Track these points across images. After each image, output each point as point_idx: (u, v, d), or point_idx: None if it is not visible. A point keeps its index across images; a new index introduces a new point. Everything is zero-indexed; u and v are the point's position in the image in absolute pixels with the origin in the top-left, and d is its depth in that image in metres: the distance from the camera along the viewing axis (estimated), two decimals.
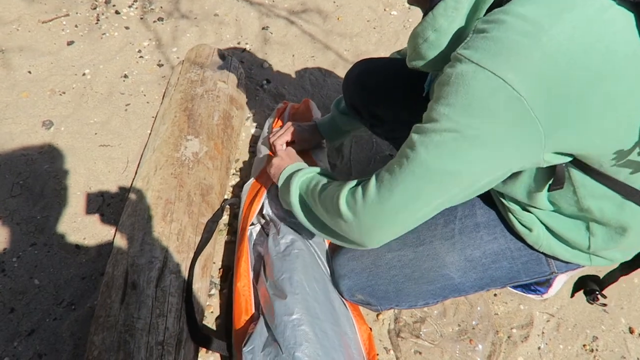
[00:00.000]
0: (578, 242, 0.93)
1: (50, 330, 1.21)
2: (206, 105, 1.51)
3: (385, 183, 0.81)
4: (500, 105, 0.67)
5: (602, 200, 0.83)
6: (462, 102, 0.69)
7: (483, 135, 0.71)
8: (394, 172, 0.80)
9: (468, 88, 0.68)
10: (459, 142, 0.72)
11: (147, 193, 1.26)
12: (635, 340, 1.36)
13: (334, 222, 0.93)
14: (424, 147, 0.75)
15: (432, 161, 0.75)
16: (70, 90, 1.77)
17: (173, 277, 1.12)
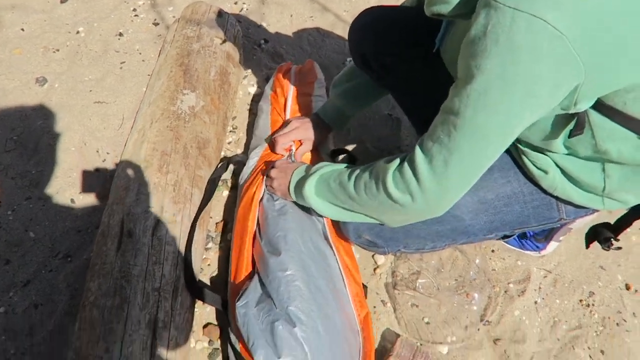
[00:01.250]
0: (593, 184, 0.92)
1: (46, 281, 1.21)
2: (202, 61, 1.48)
3: (437, 156, 0.80)
4: (543, 46, 0.66)
5: (621, 142, 0.82)
6: (503, 51, 0.67)
7: (530, 81, 0.70)
8: (443, 142, 0.79)
9: (508, 35, 0.66)
10: (507, 93, 0.71)
11: (143, 145, 1.24)
12: (631, 296, 1.36)
13: (382, 209, 0.92)
14: (471, 109, 0.74)
15: (483, 120, 0.74)
16: (64, 48, 1.74)
17: (170, 227, 1.11)
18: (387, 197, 0.88)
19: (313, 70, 1.52)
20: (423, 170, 0.82)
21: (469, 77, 0.72)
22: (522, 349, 1.23)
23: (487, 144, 0.78)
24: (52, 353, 1.11)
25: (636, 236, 1.48)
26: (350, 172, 0.98)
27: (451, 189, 0.84)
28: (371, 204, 0.93)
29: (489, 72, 0.70)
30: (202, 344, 1.16)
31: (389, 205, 0.89)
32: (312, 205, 1.04)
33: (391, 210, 0.90)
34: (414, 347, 1.16)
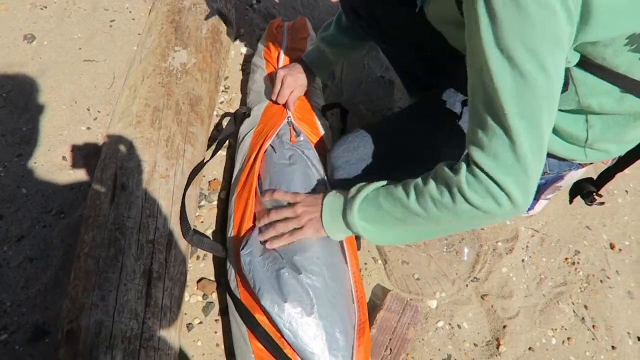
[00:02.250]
0: (576, 135, 0.94)
1: (40, 236, 1.22)
2: (194, 18, 1.46)
3: (500, 149, 0.75)
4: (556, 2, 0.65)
5: (602, 96, 0.84)
6: (516, 14, 0.65)
7: (550, 37, 0.68)
8: (497, 133, 0.75)
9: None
10: (535, 60, 0.68)
11: (135, 101, 1.23)
12: (616, 255, 1.40)
13: (462, 219, 0.85)
14: (511, 89, 0.70)
15: (526, 90, 0.70)
16: (52, 5, 1.70)
17: (162, 181, 1.11)
18: (470, 206, 0.81)
19: (305, 27, 1.51)
20: (494, 170, 0.77)
21: (489, 55, 0.70)
22: (509, 304, 1.27)
23: (541, 110, 0.73)
24: (48, 305, 1.12)
25: (622, 198, 1.52)
26: (403, 187, 0.90)
27: (530, 171, 0.77)
28: (446, 217, 0.86)
29: (510, 43, 0.67)
30: (196, 297, 1.18)
31: (471, 213, 0.83)
32: (362, 233, 0.95)
33: (472, 218, 0.84)
34: (404, 301, 1.19)
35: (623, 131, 0.92)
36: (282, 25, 1.53)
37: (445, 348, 1.18)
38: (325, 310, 0.97)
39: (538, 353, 1.20)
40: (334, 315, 0.98)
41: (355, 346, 0.98)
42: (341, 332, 0.97)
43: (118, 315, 0.92)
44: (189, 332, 1.13)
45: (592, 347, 1.23)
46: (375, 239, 0.97)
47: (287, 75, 1.31)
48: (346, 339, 0.97)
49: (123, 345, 0.90)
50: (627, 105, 0.85)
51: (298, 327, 0.95)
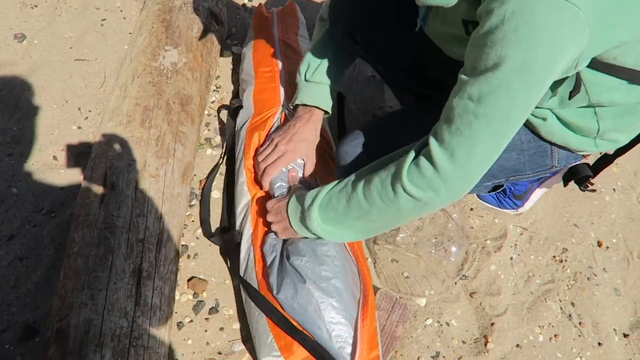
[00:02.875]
0: (588, 128, 0.96)
1: (31, 236, 1.22)
2: (185, 17, 1.47)
3: (458, 148, 0.80)
4: (563, 24, 0.67)
5: (611, 91, 0.87)
6: (524, 36, 0.68)
7: (549, 61, 0.71)
8: (464, 133, 0.78)
9: (529, 20, 0.67)
10: (528, 77, 0.72)
11: (125, 100, 1.24)
12: (603, 252, 1.42)
13: (403, 212, 0.89)
14: (493, 97, 0.74)
15: (507, 106, 0.75)
16: (43, 4, 1.70)
17: (152, 180, 1.12)
18: (409, 198, 0.86)
19: (295, 11, 1.55)
20: (445, 164, 0.81)
21: (488, 67, 0.73)
22: (497, 301, 1.28)
23: (510, 126, 0.79)
24: (38, 304, 1.12)
25: (609, 196, 1.53)
26: (354, 185, 0.94)
27: (475, 174, 0.84)
28: (390, 210, 0.90)
29: (510, 60, 0.70)
30: (187, 296, 1.19)
31: (412, 205, 0.87)
32: (325, 236, 1.00)
33: (413, 209, 0.88)
34: (393, 299, 1.21)
35: (633, 119, 0.95)
36: (271, 12, 1.55)
37: (434, 345, 1.20)
38: (318, 284, 1.01)
39: (525, 350, 1.21)
40: (328, 288, 1.01)
41: (360, 313, 1.02)
42: (338, 301, 1.01)
43: (107, 313, 0.93)
44: (180, 331, 1.14)
45: (578, 344, 1.24)
46: (342, 238, 1.02)
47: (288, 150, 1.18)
48: (345, 308, 1.01)
49: (112, 343, 0.91)
50: (635, 96, 0.88)
51: (294, 303, 1.01)
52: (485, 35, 0.72)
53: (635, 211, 1.51)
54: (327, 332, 0.99)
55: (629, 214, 1.50)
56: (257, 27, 1.54)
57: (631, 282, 1.36)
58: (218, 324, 1.15)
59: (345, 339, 0.99)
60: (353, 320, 1.02)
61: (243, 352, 1.12)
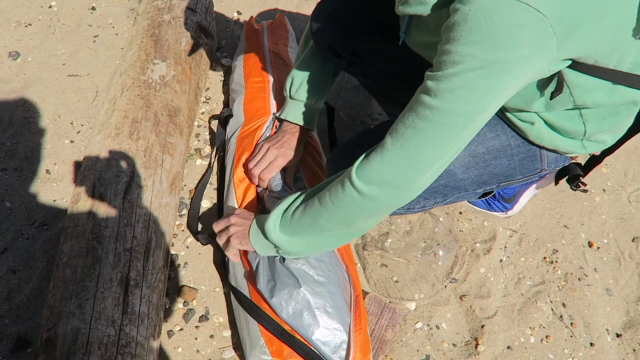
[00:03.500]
0: (575, 130, 0.96)
1: (23, 248, 1.24)
2: (174, 31, 1.49)
3: (409, 141, 0.79)
4: (525, 30, 0.67)
5: (595, 92, 0.87)
6: (485, 37, 0.68)
7: (509, 65, 0.70)
8: (417, 126, 0.78)
9: (491, 21, 0.67)
10: (486, 79, 0.71)
11: (114, 113, 1.26)
12: (594, 253, 1.42)
13: (352, 211, 0.88)
14: (449, 94, 0.73)
15: (462, 106, 0.74)
16: (37, 22, 1.74)
17: (140, 191, 1.14)
18: (355, 193, 0.85)
19: (285, 24, 1.57)
20: (393, 156, 0.81)
21: (448, 63, 0.72)
22: (487, 303, 1.29)
23: (464, 128, 0.78)
24: (30, 316, 1.14)
25: (599, 196, 1.54)
26: (313, 191, 0.95)
27: (422, 171, 0.83)
28: (339, 210, 0.89)
29: (470, 59, 0.70)
30: (177, 304, 1.20)
31: (359, 202, 0.86)
32: (280, 244, 0.98)
33: (361, 209, 0.87)
34: (382, 303, 1.21)
35: (617, 120, 0.96)
36: (261, 25, 1.58)
37: (424, 349, 1.20)
38: (312, 289, 1.02)
39: (516, 352, 1.21)
40: (322, 292, 1.02)
41: (353, 318, 1.03)
42: (332, 306, 1.02)
43: (95, 322, 0.94)
44: (170, 339, 1.15)
45: (570, 345, 1.24)
46: (293, 250, 1.00)
47: (279, 156, 1.21)
48: (339, 313, 1.02)
49: (100, 351, 0.92)
50: (619, 97, 0.88)
51: (289, 307, 1.01)
52: (448, 30, 0.72)
53: (626, 211, 1.51)
54: (322, 337, 1.00)
55: (620, 214, 1.50)
56: (248, 39, 1.57)
57: (623, 282, 1.36)
58: (208, 332, 1.16)
59: (339, 344, 1.00)
60: (347, 325, 1.03)
61: (233, 359, 1.13)
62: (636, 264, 1.39)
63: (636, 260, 1.40)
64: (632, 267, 1.39)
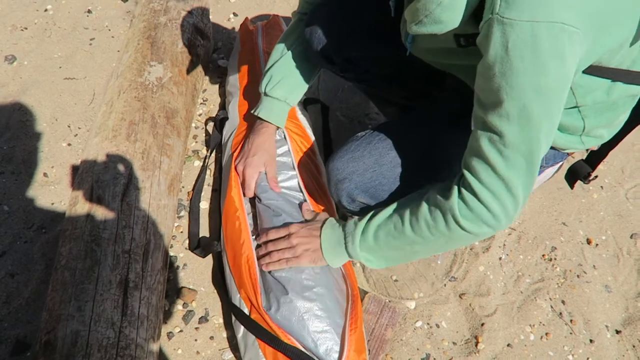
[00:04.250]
0: (574, 127, 0.97)
1: (22, 251, 1.24)
2: (170, 33, 1.49)
3: (496, 181, 0.80)
4: (566, 46, 0.69)
5: (595, 91, 0.89)
6: (532, 64, 0.69)
7: (562, 83, 0.73)
8: (497, 166, 0.79)
9: (533, 49, 0.68)
10: (545, 101, 0.73)
11: (111, 116, 1.26)
12: (592, 249, 1.42)
13: (454, 242, 0.91)
14: (516, 126, 0.75)
15: (530, 132, 0.76)
16: (33, 26, 1.74)
17: (138, 193, 1.14)
18: (463, 232, 0.86)
19: (279, 25, 1.57)
20: (490, 200, 0.82)
21: (503, 97, 0.73)
22: (487, 301, 1.29)
23: (539, 147, 0.79)
24: (29, 319, 1.14)
25: (597, 193, 1.54)
26: (400, 215, 0.94)
27: (521, 199, 0.84)
28: (441, 242, 0.91)
29: (523, 89, 0.71)
30: (177, 306, 1.20)
31: (465, 237, 0.88)
32: (365, 263, 1.00)
33: (466, 240, 0.90)
34: (382, 303, 1.21)
35: (614, 115, 0.97)
36: (256, 25, 1.59)
37: (424, 347, 1.20)
38: (300, 294, 1.02)
39: (516, 349, 1.22)
40: (310, 296, 1.02)
41: (349, 318, 1.03)
42: (321, 309, 1.02)
43: (94, 324, 0.94)
44: (170, 341, 1.14)
45: (570, 342, 1.24)
46: (379, 265, 1.00)
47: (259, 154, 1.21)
48: (329, 315, 1.02)
49: (99, 354, 0.91)
50: (616, 95, 0.90)
51: (279, 314, 1.01)
52: (492, 66, 0.72)
53: (624, 208, 1.51)
54: (313, 341, 1.00)
55: (618, 211, 1.50)
56: (243, 41, 1.57)
57: (622, 279, 1.36)
58: (208, 333, 1.16)
59: (331, 346, 1.00)
60: (339, 327, 1.02)
61: None
62: (634, 260, 1.40)
63: (634, 256, 1.41)
64: (631, 264, 1.39)
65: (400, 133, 1.12)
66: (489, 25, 0.70)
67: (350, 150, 1.09)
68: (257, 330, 1.03)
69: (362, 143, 1.10)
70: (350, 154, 1.08)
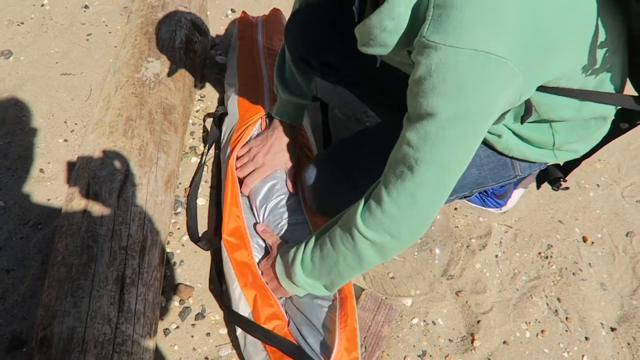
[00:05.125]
0: (544, 141, 0.97)
1: (18, 247, 1.23)
2: (167, 29, 1.49)
3: (402, 191, 0.81)
4: (490, 75, 0.68)
5: (562, 109, 0.88)
6: (452, 89, 0.69)
7: (482, 109, 0.72)
8: (406, 177, 0.80)
9: (455, 73, 0.68)
10: (462, 126, 0.73)
11: (108, 112, 1.26)
12: (588, 247, 1.43)
13: (366, 255, 0.90)
14: (430, 145, 0.75)
15: (444, 154, 0.76)
16: (29, 21, 1.73)
17: (135, 189, 1.13)
18: (366, 242, 0.87)
19: (279, 19, 1.57)
20: (391, 207, 0.83)
21: (422, 115, 0.74)
22: (483, 299, 1.29)
23: (453, 170, 0.80)
24: (25, 315, 1.13)
25: (593, 191, 1.55)
26: (323, 237, 0.96)
27: (425, 215, 0.85)
28: (354, 254, 0.91)
29: (442, 111, 0.71)
30: (173, 303, 1.20)
31: (370, 249, 0.88)
32: (311, 290, 1.02)
33: (373, 254, 0.90)
34: (379, 299, 1.21)
35: (586, 133, 0.96)
36: (256, 19, 1.58)
37: (420, 344, 1.20)
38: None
39: (512, 347, 1.22)
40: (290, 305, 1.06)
41: (338, 317, 1.03)
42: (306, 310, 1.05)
43: (91, 321, 0.94)
44: (166, 337, 1.14)
45: (565, 339, 1.25)
46: (323, 291, 1.02)
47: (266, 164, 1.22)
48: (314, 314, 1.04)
49: (96, 350, 0.91)
50: (587, 112, 0.89)
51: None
52: (416, 83, 0.73)
53: (620, 206, 1.52)
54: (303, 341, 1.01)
55: (614, 209, 1.51)
56: (241, 34, 1.57)
57: (617, 276, 1.37)
58: (205, 330, 1.16)
59: (316, 350, 1.01)
60: (326, 327, 1.03)
61: (230, 357, 1.13)
62: (630, 258, 1.40)
63: (630, 254, 1.41)
64: (626, 262, 1.40)
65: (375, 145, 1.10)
66: (418, 46, 0.71)
67: (324, 159, 1.13)
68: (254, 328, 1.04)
69: (335, 152, 1.14)
70: (323, 163, 1.12)
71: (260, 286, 1.08)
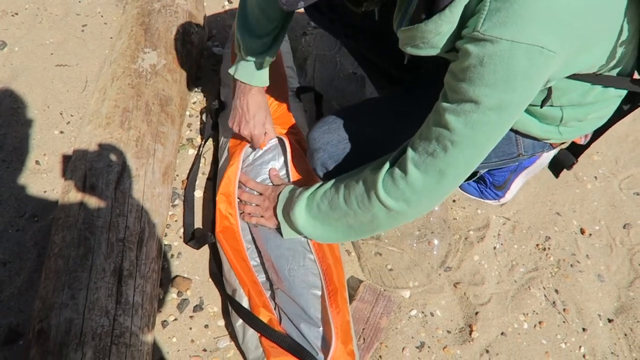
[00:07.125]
0: (552, 116, 0.98)
1: (14, 240, 1.22)
2: (164, 20, 1.47)
3: (432, 168, 0.84)
4: (539, 69, 0.71)
5: (571, 92, 0.91)
6: (502, 79, 0.71)
7: (525, 99, 0.76)
8: (439, 156, 0.82)
9: (508, 66, 0.70)
10: (504, 115, 0.77)
11: (104, 103, 1.25)
12: (586, 239, 1.43)
13: (377, 219, 0.93)
14: (470, 129, 0.78)
15: (480, 139, 0.80)
16: (23, 11, 1.71)
17: (132, 181, 1.12)
18: (382, 207, 0.90)
19: None
20: (417, 181, 0.86)
21: (465, 100, 0.76)
22: (481, 290, 1.29)
23: (483, 153, 0.84)
24: (22, 308, 1.13)
25: (591, 184, 1.55)
26: (337, 188, 0.99)
27: (445, 192, 0.89)
28: (365, 216, 0.94)
29: (487, 100, 0.74)
30: (171, 295, 1.19)
31: (384, 214, 0.91)
32: (305, 231, 1.05)
33: (386, 218, 0.93)
34: (377, 291, 1.21)
35: (590, 110, 0.98)
36: None
37: (419, 336, 1.20)
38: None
39: (510, 338, 1.22)
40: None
41: (330, 310, 1.04)
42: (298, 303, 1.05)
43: (88, 312, 0.93)
44: (164, 329, 1.14)
45: (563, 330, 1.25)
46: (317, 236, 1.06)
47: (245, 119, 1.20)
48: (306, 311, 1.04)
49: (94, 342, 0.91)
50: (591, 97, 0.92)
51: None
52: (464, 71, 0.74)
53: (617, 198, 1.52)
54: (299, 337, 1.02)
55: (611, 201, 1.51)
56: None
57: (614, 268, 1.37)
58: (203, 322, 1.16)
59: (313, 340, 1.01)
60: (321, 319, 1.04)
61: (228, 349, 1.13)
62: (627, 250, 1.41)
63: (627, 246, 1.41)
64: (624, 254, 1.40)
65: (382, 112, 1.15)
66: (469, 39, 0.72)
67: (328, 122, 1.13)
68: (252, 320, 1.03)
69: (341, 116, 1.14)
70: (327, 125, 1.12)
71: (254, 282, 1.09)
